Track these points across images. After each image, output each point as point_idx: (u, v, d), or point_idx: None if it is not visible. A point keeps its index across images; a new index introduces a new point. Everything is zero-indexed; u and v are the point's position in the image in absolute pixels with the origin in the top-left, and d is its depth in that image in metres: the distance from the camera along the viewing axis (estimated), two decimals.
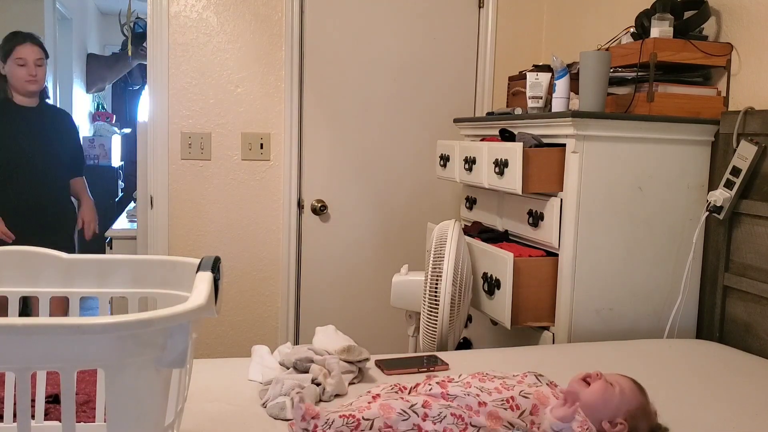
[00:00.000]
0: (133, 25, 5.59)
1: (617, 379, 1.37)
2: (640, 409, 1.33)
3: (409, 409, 1.22)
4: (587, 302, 2.13)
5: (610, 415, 1.30)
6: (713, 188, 2.13)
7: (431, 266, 2.16)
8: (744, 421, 1.47)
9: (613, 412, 1.31)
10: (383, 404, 1.22)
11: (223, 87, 3.04)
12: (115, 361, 0.89)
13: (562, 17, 3.17)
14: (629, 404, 1.32)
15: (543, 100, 2.37)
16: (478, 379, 1.32)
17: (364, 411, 1.22)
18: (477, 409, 1.24)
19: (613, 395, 1.32)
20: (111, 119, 6.91)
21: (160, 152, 2.99)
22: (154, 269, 1.26)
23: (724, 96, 2.23)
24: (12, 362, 0.88)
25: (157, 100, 2.98)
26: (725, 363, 1.88)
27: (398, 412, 1.21)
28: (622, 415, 1.31)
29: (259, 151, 3.02)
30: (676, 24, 2.20)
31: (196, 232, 3.07)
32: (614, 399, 1.32)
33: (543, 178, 2.12)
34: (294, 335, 3.09)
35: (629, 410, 1.32)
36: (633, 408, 1.32)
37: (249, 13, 3.01)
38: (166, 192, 3.01)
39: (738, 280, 2.09)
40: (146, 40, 3.01)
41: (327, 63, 3.04)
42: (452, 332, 2.17)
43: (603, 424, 1.29)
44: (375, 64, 3.07)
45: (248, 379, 1.60)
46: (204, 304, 0.95)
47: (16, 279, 1.26)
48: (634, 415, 1.32)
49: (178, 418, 1.07)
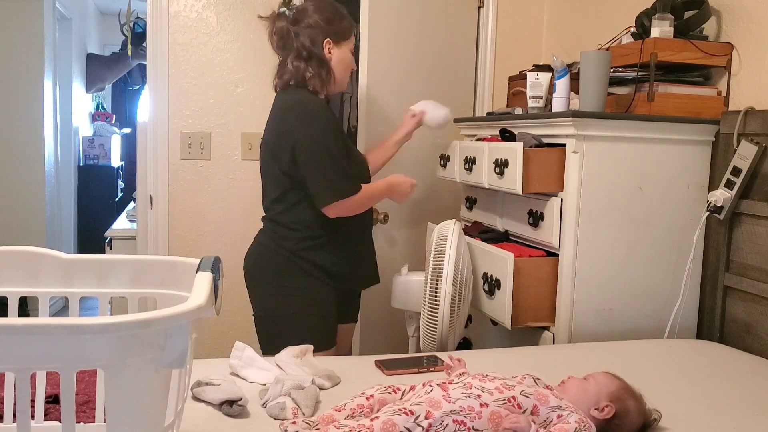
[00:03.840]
0: (133, 25, 5.59)
1: (590, 374, 1.41)
2: (622, 389, 1.37)
3: (413, 422, 1.20)
4: (587, 302, 2.13)
5: (594, 401, 1.34)
6: (713, 188, 2.13)
7: (431, 266, 2.16)
8: (744, 421, 1.47)
9: (596, 397, 1.34)
10: (386, 421, 1.20)
11: (223, 87, 3.04)
12: (114, 361, 0.89)
13: (562, 17, 3.17)
14: (608, 387, 1.36)
15: (543, 100, 2.37)
16: (479, 379, 1.32)
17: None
18: (479, 410, 1.24)
19: (588, 384, 1.37)
20: (111, 119, 6.91)
21: (160, 152, 2.99)
22: (153, 269, 1.26)
23: (725, 96, 2.23)
24: (12, 362, 0.88)
25: (157, 100, 2.98)
26: (725, 363, 1.88)
27: (401, 430, 1.19)
28: (605, 399, 1.34)
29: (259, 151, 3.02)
30: (676, 24, 2.20)
31: (196, 232, 3.07)
32: (591, 387, 1.36)
33: (543, 178, 2.11)
34: None
35: (611, 392, 1.35)
36: (614, 389, 1.36)
37: (249, 13, 3.01)
38: (166, 192, 3.01)
39: (738, 280, 2.09)
40: (146, 40, 3.01)
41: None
42: (452, 332, 2.17)
43: (591, 412, 1.32)
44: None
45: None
46: (204, 304, 0.95)
47: (15, 279, 1.26)
48: (618, 396, 1.35)
49: (178, 418, 1.07)
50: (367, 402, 1.33)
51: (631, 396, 1.37)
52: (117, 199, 6.27)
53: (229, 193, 3.07)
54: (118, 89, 7.41)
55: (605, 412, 1.32)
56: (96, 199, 6.02)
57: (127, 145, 6.89)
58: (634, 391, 1.38)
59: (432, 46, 3.07)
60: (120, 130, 6.96)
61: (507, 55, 3.22)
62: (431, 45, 3.06)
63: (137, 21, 5.59)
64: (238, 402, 1.42)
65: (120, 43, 6.30)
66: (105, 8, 6.93)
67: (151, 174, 3.00)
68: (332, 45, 2.09)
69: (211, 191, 3.06)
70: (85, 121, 6.40)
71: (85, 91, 6.34)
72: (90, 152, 6.30)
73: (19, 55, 4.63)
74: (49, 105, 4.89)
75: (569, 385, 1.38)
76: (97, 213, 5.80)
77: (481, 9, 3.20)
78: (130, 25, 5.55)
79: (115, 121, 7.03)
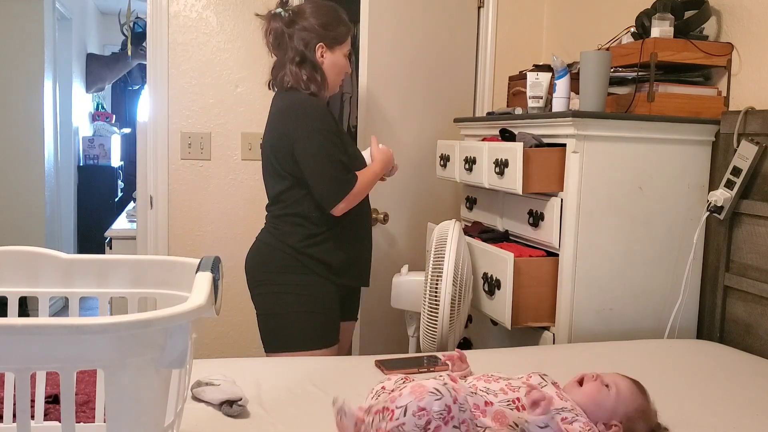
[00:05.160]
0: (133, 25, 5.58)
1: (615, 380, 1.35)
2: (638, 411, 1.32)
3: (443, 386, 1.14)
4: (587, 302, 2.13)
5: (606, 417, 1.29)
6: (714, 188, 2.13)
7: (431, 266, 2.16)
8: (744, 421, 1.47)
9: (609, 413, 1.29)
10: (414, 385, 1.14)
11: (223, 87, 3.04)
12: (114, 361, 0.89)
13: (562, 17, 3.17)
14: (627, 406, 1.31)
15: (543, 100, 2.37)
16: (483, 380, 1.32)
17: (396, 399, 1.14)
18: (483, 408, 1.23)
19: (607, 397, 1.31)
20: (111, 119, 6.91)
21: (160, 152, 2.98)
22: (153, 269, 1.26)
23: (725, 96, 2.23)
24: (12, 362, 0.88)
25: (157, 100, 2.98)
26: (725, 363, 1.88)
27: (430, 390, 1.12)
28: (618, 417, 1.29)
29: (259, 151, 3.02)
30: (676, 24, 2.20)
31: (196, 232, 3.07)
32: (609, 401, 1.30)
33: (543, 178, 2.11)
34: None
35: (626, 413, 1.31)
36: (631, 410, 1.31)
37: (249, 13, 3.01)
38: (166, 192, 3.01)
39: (738, 280, 2.09)
40: (146, 40, 3.01)
41: None
42: (452, 332, 2.16)
43: (598, 426, 1.28)
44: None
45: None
46: (204, 304, 0.95)
47: (15, 279, 1.26)
48: (631, 417, 1.31)
49: (178, 418, 1.06)
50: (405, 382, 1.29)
51: (645, 419, 1.33)
52: (117, 199, 6.27)
53: (229, 193, 3.07)
54: (118, 89, 7.41)
55: (612, 431, 1.29)
56: (96, 199, 6.02)
57: (127, 145, 6.89)
58: (650, 413, 1.34)
59: (432, 46, 3.06)
60: (120, 130, 6.96)
61: (507, 55, 3.22)
62: (431, 45, 3.06)
63: (137, 21, 5.59)
64: (238, 402, 1.42)
65: (120, 43, 6.30)
66: (105, 8, 6.93)
67: (151, 174, 3.00)
68: (325, 49, 2.10)
69: (211, 191, 3.06)
70: (85, 121, 6.40)
71: (85, 91, 6.34)
72: (90, 152, 6.29)
73: (19, 55, 4.63)
74: (49, 105, 4.89)
75: (588, 390, 1.33)
76: (97, 213, 5.80)
77: (481, 9, 3.20)
78: (130, 25, 5.55)
79: (115, 121, 7.03)
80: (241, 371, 1.66)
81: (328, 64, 2.12)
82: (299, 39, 2.08)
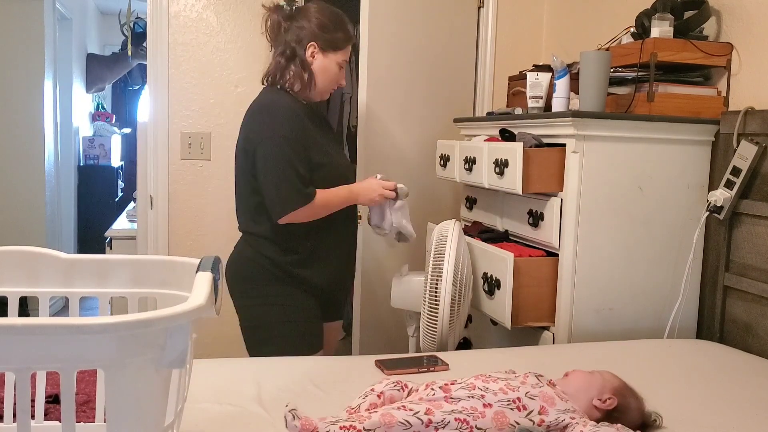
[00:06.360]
0: (133, 25, 5.58)
1: (594, 370, 1.44)
2: (625, 387, 1.40)
3: (413, 416, 1.21)
4: (587, 302, 2.13)
5: (597, 392, 1.36)
6: (713, 188, 2.13)
7: (431, 266, 2.16)
8: (744, 421, 1.47)
9: (599, 390, 1.37)
10: (384, 413, 1.21)
11: (223, 87, 3.04)
12: (115, 361, 0.89)
13: (562, 17, 3.17)
14: (612, 383, 1.39)
15: (543, 100, 2.37)
16: (482, 380, 1.32)
17: (365, 421, 1.20)
18: (482, 410, 1.24)
19: (594, 377, 1.40)
20: (111, 119, 6.91)
21: (160, 152, 2.99)
22: (153, 269, 1.26)
23: (725, 96, 2.23)
24: (12, 362, 0.88)
25: (157, 100, 2.98)
26: (725, 363, 1.88)
27: (400, 421, 1.19)
28: (608, 392, 1.36)
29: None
30: (676, 24, 2.20)
31: (196, 232, 3.07)
32: (597, 380, 1.39)
33: (543, 178, 2.12)
34: None
35: (614, 387, 1.38)
36: (617, 385, 1.39)
37: (249, 13, 3.01)
38: (166, 192, 3.01)
39: (738, 280, 2.09)
40: (146, 40, 3.01)
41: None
42: (452, 332, 2.17)
43: (594, 401, 1.34)
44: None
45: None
46: (204, 304, 0.95)
47: (15, 279, 1.26)
48: (621, 392, 1.38)
49: (178, 418, 1.07)
50: (379, 400, 1.33)
51: (633, 395, 1.39)
52: (117, 199, 6.27)
53: (229, 193, 3.05)
54: (118, 89, 7.41)
55: (607, 404, 1.34)
56: (96, 199, 6.01)
57: (127, 145, 6.89)
58: (636, 392, 1.41)
59: (432, 46, 3.07)
60: (120, 130, 6.95)
61: (507, 55, 3.22)
62: (431, 45, 3.06)
63: (137, 21, 5.59)
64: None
65: (120, 43, 6.29)
66: (105, 8, 6.93)
67: (151, 174, 3.00)
68: (316, 50, 2.04)
69: (211, 191, 3.06)
70: (85, 121, 6.40)
71: (85, 91, 6.34)
72: (90, 152, 6.29)
73: (19, 55, 4.63)
74: (49, 105, 4.89)
75: (574, 377, 1.41)
76: (97, 213, 5.79)
77: (481, 9, 3.20)
78: (130, 25, 5.55)
79: (115, 121, 7.03)
80: (241, 371, 1.66)
81: (317, 67, 2.06)
82: (293, 34, 2.05)
